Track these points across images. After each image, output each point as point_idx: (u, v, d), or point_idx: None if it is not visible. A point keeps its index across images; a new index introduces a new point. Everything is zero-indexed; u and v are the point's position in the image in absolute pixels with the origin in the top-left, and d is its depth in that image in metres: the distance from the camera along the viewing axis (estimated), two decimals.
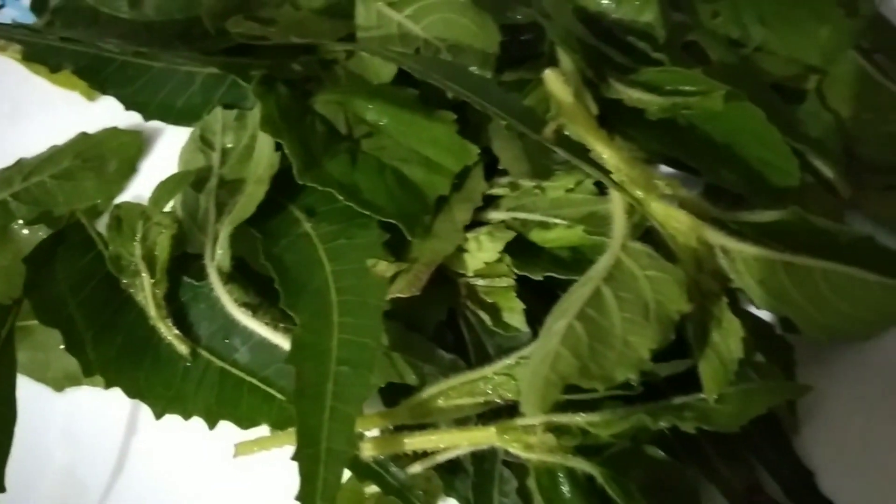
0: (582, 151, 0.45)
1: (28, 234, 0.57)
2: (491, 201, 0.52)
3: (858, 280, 0.40)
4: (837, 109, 0.57)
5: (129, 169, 0.61)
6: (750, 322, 0.46)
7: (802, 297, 0.41)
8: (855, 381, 0.51)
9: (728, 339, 0.42)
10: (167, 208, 0.54)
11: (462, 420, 0.46)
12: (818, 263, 0.40)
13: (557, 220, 0.50)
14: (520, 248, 0.50)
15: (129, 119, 0.61)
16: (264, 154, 0.52)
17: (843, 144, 0.56)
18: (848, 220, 0.55)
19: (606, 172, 0.44)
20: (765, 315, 0.49)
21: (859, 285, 0.40)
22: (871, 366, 0.51)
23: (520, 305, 0.48)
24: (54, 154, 0.61)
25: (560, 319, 0.40)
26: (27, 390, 0.52)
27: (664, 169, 0.54)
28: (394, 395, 0.48)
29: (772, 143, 0.51)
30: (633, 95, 0.50)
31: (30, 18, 0.67)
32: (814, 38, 0.57)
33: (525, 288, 0.49)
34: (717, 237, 0.43)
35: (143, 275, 0.50)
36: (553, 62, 0.53)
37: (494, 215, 0.51)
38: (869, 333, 0.42)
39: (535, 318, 0.47)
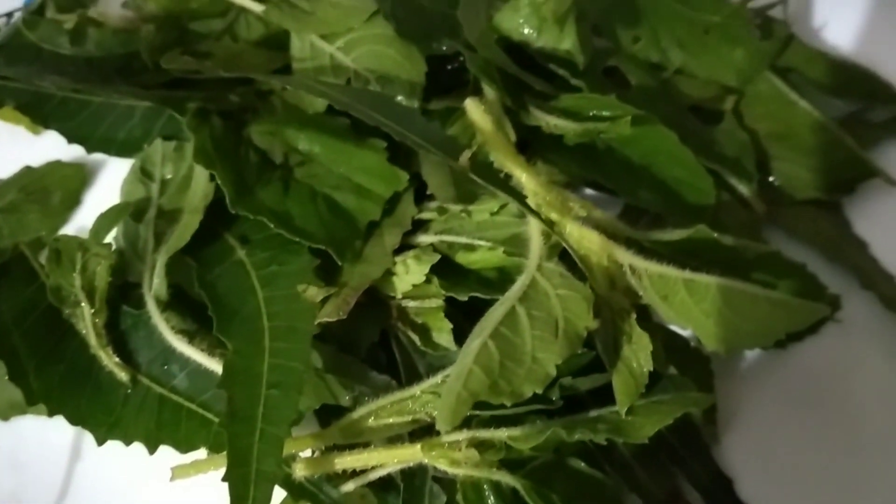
0: (498, 178, 0.47)
1: None
2: (420, 225, 0.53)
3: (749, 295, 0.42)
4: (754, 128, 0.60)
5: (72, 201, 0.63)
6: (663, 335, 0.48)
7: (701, 313, 0.43)
8: (773, 389, 0.53)
9: (638, 353, 0.44)
10: (109, 238, 0.56)
11: (393, 438, 0.47)
12: (713, 280, 0.43)
13: (482, 243, 0.51)
14: (448, 269, 0.52)
15: (72, 152, 0.62)
16: (200, 184, 0.54)
17: (759, 162, 0.58)
18: (765, 234, 0.57)
19: (522, 197, 0.46)
20: (684, 329, 0.51)
21: (750, 300, 0.42)
22: (788, 375, 0.53)
23: (447, 325, 0.50)
24: None
25: (476, 338, 0.42)
26: None
27: (587, 191, 0.56)
28: (328, 415, 0.49)
29: (686, 163, 0.53)
30: (551, 122, 0.52)
31: None
32: (729, 61, 0.60)
33: (454, 308, 0.51)
34: (625, 256, 0.45)
35: (84, 305, 0.52)
36: (478, 91, 0.55)
37: (423, 238, 0.53)
38: (761, 345, 0.44)
39: (464, 337, 0.49)
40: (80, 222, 0.62)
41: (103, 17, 0.62)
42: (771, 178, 0.59)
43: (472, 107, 0.51)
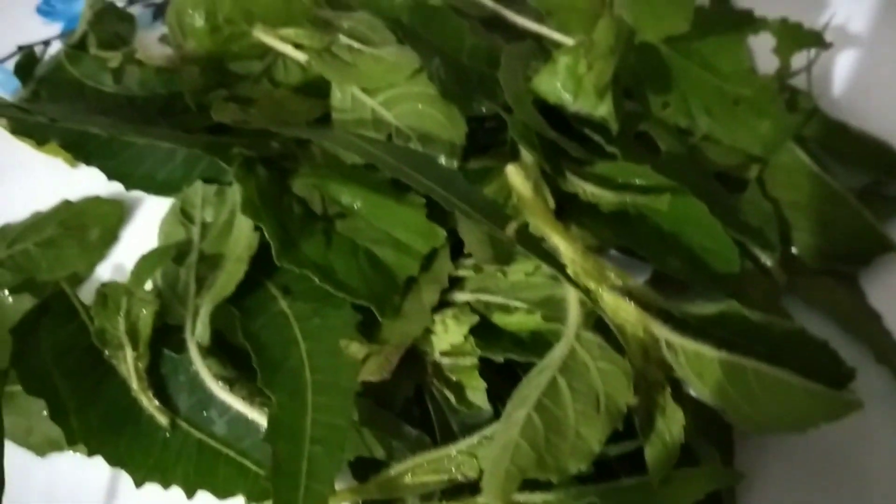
0: (540, 247, 0.49)
1: (13, 302, 0.59)
2: (456, 282, 0.55)
3: (785, 382, 0.44)
4: (776, 197, 0.62)
5: (110, 237, 0.64)
6: (692, 405, 0.50)
7: (736, 393, 0.45)
8: (789, 457, 0.55)
9: (671, 425, 0.46)
10: (148, 282, 0.57)
11: (427, 496, 0.49)
12: (750, 363, 0.44)
13: (518, 304, 0.53)
14: (483, 329, 0.53)
15: (110, 185, 0.63)
16: (243, 233, 0.55)
17: (781, 231, 0.60)
18: (785, 303, 0.59)
19: (561, 266, 0.48)
20: None
21: (786, 387, 0.44)
22: (804, 443, 0.55)
23: (482, 384, 0.51)
24: (38, 221, 0.63)
25: (519, 408, 0.44)
26: (10, 454, 0.54)
27: (614, 254, 0.58)
28: (363, 468, 0.50)
29: (714, 233, 0.55)
30: (587, 189, 0.54)
31: (13, 82, 0.70)
32: (756, 132, 0.62)
33: (488, 367, 0.52)
34: (661, 330, 0.47)
35: (127, 348, 0.53)
36: (516, 152, 0.57)
37: (459, 296, 0.54)
38: (795, 430, 0.46)
39: (497, 396, 0.51)
40: (116, 259, 0.63)
41: (146, 57, 0.63)
42: (791, 248, 0.60)
43: (512, 173, 0.53)
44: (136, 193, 0.64)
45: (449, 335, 0.51)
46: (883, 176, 0.64)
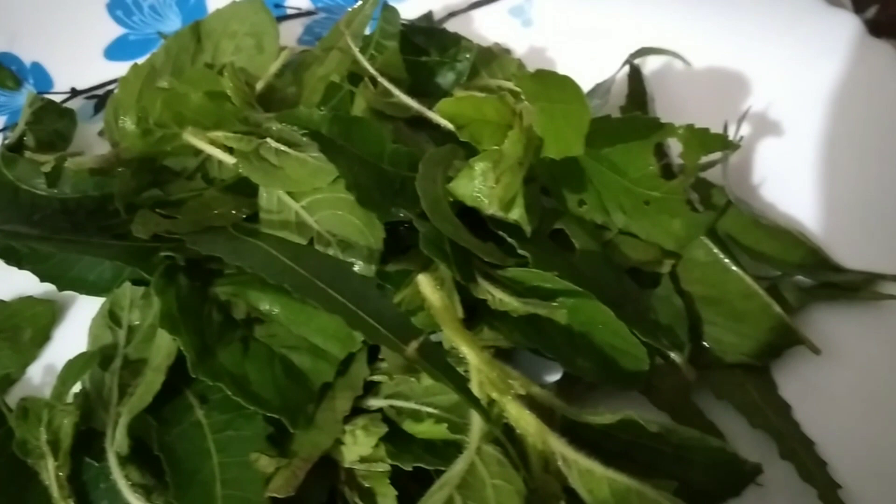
0: (442, 365, 0.50)
1: None
2: (370, 387, 0.57)
3: None
4: (689, 291, 0.64)
5: (42, 337, 0.65)
6: None
7: None
8: None
9: None
10: (76, 385, 0.58)
11: None
12: (634, 484, 0.46)
13: (430, 410, 0.55)
14: (395, 435, 0.55)
15: (43, 286, 0.65)
16: (164, 342, 0.57)
17: (693, 325, 0.62)
18: (696, 396, 0.61)
19: (464, 388, 0.50)
20: None
21: None
22: None
23: (392, 492, 0.53)
24: None
25: None
26: None
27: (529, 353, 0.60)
28: None
29: (621, 334, 0.57)
30: (496, 296, 0.56)
31: None
32: (668, 228, 0.64)
33: (401, 471, 0.54)
34: (557, 445, 0.49)
35: (48, 458, 0.54)
36: (430, 259, 0.59)
37: (373, 402, 0.56)
38: None
39: (410, 500, 0.53)
40: (48, 359, 0.65)
41: (79, 164, 0.65)
42: (703, 342, 0.62)
43: (423, 283, 0.55)
44: (69, 292, 0.65)
45: (358, 447, 0.53)
46: (794, 269, 0.65)
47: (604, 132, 0.60)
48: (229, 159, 0.65)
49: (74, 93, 0.80)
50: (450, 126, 0.66)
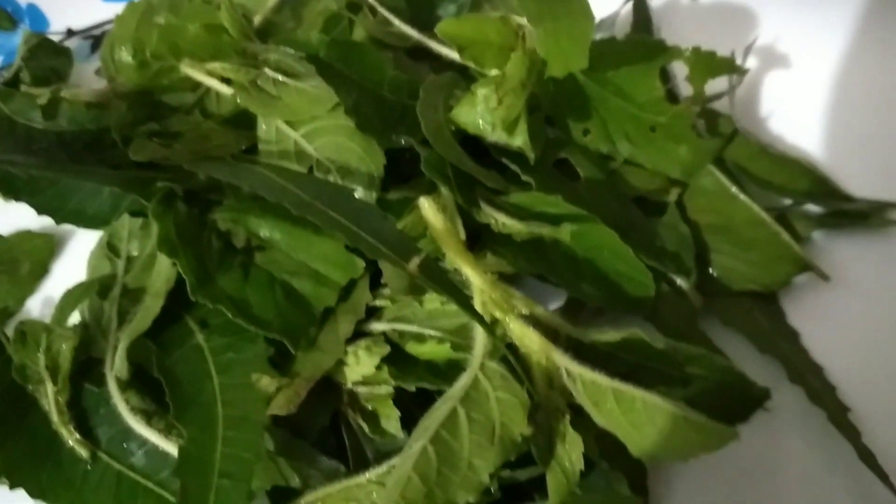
0: (445, 282, 0.50)
1: None
2: (373, 312, 0.56)
3: (669, 412, 0.45)
4: (696, 220, 0.63)
5: (41, 271, 0.65)
6: (599, 429, 0.51)
7: (626, 421, 0.46)
8: (703, 472, 0.55)
9: (570, 452, 0.47)
10: (75, 314, 0.58)
11: None
12: (639, 393, 0.46)
13: (432, 332, 0.54)
14: (398, 357, 0.54)
15: (41, 220, 0.64)
16: (163, 267, 0.56)
17: (699, 253, 0.62)
18: (702, 323, 0.60)
19: (467, 302, 0.49)
20: None
21: (670, 417, 0.45)
22: (718, 458, 0.56)
23: (395, 413, 0.52)
24: None
25: (418, 440, 0.45)
26: None
27: (534, 280, 0.59)
28: (279, 496, 0.51)
29: (627, 258, 0.56)
30: (500, 220, 0.55)
31: None
32: (674, 156, 0.63)
33: (403, 394, 0.54)
34: (562, 359, 0.48)
35: (47, 383, 0.54)
36: (433, 184, 0.58)
37: (376, 326, 0.55)
38: (677, 459, 0.47)
39: (412, 422, 0.52)
40: (47, 291, 0.64)
41: (75, 94, 0.64)
42: (710, 270, 0.61)
43: (425, 206, 0.54)
44: (67, 226, 0.64)
45: (361, 366, 0.52)
46: (802, 197, 0.64)
47: (609, 55, 0.59)
48: (227, 90, 0.64)
49: (70, 33, 0.80)
50: (451, 55, 0.66)
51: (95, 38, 0.79)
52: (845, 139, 0.69)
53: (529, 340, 0.49)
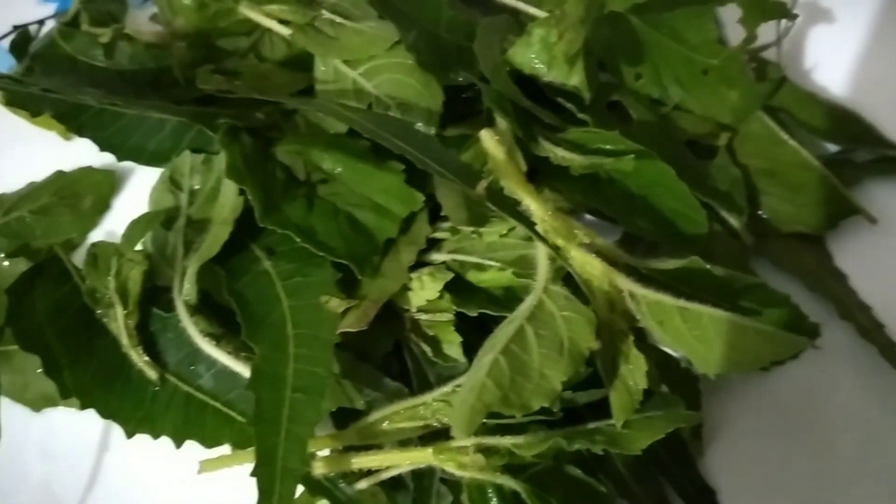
0: (510, 205, 0.51)
1: (9, 265, 0.61)
2: (434, 244, 0.57)
3: (737, 324, 0.46)
4: (745, 164, 0.64)
5: (102, 205, 0.66)
6: (656, 356, 0.52)
7: (692, 338, 0.47)
8: (755, 409, 0.57)
9: (634, 372, 0.48)
10: (138, 245, 0.59)
11: (404, 441, 0.51)
12: (705, 310, 0.47)
13: (492, 263, 0.55)
14: (459, 286, 0.55)
15: (103, 158, 0.66)
16: (229, 198, 0.57)
17: (749, 196, 0.63)
18: (752, 264, 0.61)
19: (531, 224, 0.50)
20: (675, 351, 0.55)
21: (738, 329, 0.46)
22: (770, 395, 0.58)
23: (457, 338, 0.54)
24: (33, 191, 0.66)
25: (488, 353, 0.46)
26: (7, 410, 0.56)
27: (588, 217, 0.60)
28: (343, 418, 0.53)
29: (681, 195, 0.57)
30: (558, 154, 0.56)
31: (9, 60, 0.72)
32: (725, 101, 0.64)
33: (463, 322, 0.55)
34: (625, 283, 0.49)
35: (117, 307, 0.55)
36: (491, 121, 0.59)
37: (436, 256, 0.57)
38: (748, 370, 0.48)
39: (472, 349, 0.53)
40: (109, 226, 0.66)
41: (136, 33, 0.65)
42: (760, 212, 0.62)
43: (486, 137, 0.55)
44: (128, 164, 0.66)
45: (425, 292, 0.54)
46: (849, 144, 0.65)
47: None
48: (285, 31, 0.65)
49: None
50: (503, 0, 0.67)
51: None
52: (890, 90, 0.70)
53: (591, 266, 0.51)
